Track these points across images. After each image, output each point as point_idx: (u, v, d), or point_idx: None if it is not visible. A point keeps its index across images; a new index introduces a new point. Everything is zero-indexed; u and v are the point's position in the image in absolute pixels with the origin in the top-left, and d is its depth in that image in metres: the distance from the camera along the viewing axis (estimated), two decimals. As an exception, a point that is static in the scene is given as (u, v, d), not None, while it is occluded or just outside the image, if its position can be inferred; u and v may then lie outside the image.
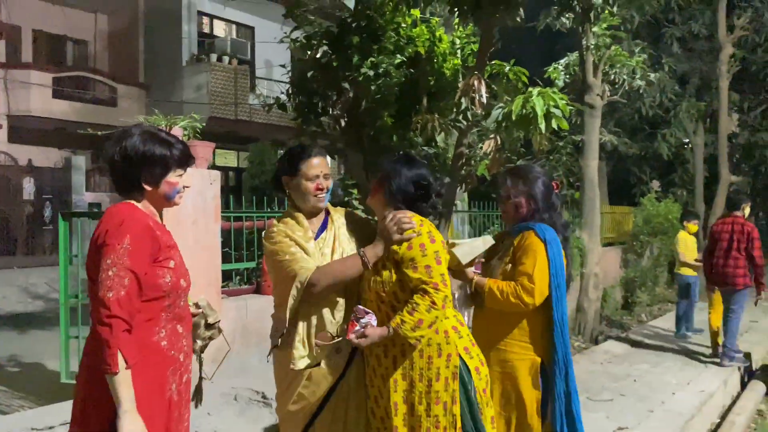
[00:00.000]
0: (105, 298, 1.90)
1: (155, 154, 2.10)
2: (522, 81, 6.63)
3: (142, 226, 2.03)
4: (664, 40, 14.46)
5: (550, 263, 2.67)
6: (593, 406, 5.13)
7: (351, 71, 5.74)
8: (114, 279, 1.92)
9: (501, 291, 2.66)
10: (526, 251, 2.70)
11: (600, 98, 8.50)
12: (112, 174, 2.13)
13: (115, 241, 1.95)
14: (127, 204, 2.11)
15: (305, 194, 2.55)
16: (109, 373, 1.88)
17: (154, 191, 2.13)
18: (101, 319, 1.89)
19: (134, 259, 1.96)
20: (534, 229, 2.74)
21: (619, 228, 13.05)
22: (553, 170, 11.60)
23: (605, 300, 10.01)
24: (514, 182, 2.86)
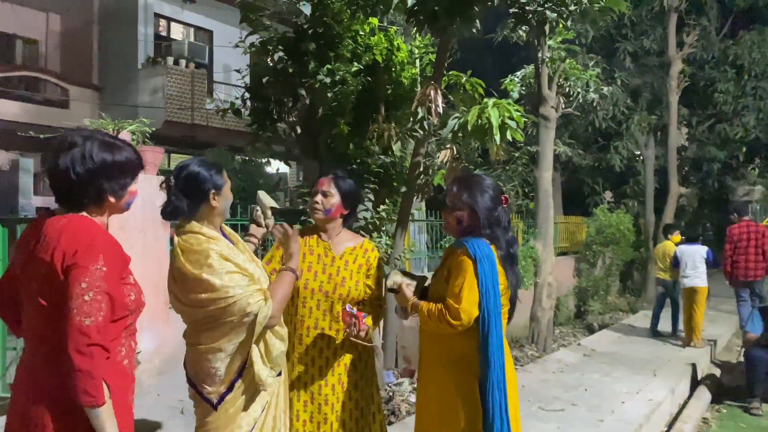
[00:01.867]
0: (82, 325, 1.76)
1: (122, 163, 1.95)
2: (478, 92, 6.70)
3: (112, 244, 1.90)
4: (617, 55, 14.81)
5: (479, 283, 2.54)
6: (545, 417, 5.17)
7: (307, 78, 5.70)
8: (91, 304, 1.78)
9: (430, 313, 2.61)
10: (456, 270, 2.60)
11: (554, 110, 8.64)
12: (68, 187, 1.90)
13: (89, 262, 1.80)
14: (85, 218, 1.92)
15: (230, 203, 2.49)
16: (95, 406, 1.76)
17: (115, 203, 1.97)
18: (79, 348, 1.74)
19: (109, 281, 1.83)
20: (466, 246, 2.61)
21: (573, 238, 13.28)
22: (509, 180, 11.74)
23: (558, 309, 10.15)
24: (459, 193, 2.73)
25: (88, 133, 1.95)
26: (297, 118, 6.08)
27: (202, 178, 2.40)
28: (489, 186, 2.74)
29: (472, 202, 2.67)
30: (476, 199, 2.67)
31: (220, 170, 2.48)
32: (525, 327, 8.74)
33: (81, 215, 1.92)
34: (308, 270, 2.94)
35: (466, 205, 2.68)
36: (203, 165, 2.45)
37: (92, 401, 1.75)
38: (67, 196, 1.91)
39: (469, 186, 2.73)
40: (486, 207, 2.67)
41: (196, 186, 2.38)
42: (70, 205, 1.93)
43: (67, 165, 1.87)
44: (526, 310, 8.71)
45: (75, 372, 1.74)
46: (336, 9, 5.72)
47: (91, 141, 1.92)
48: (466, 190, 2.71)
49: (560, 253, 12.14)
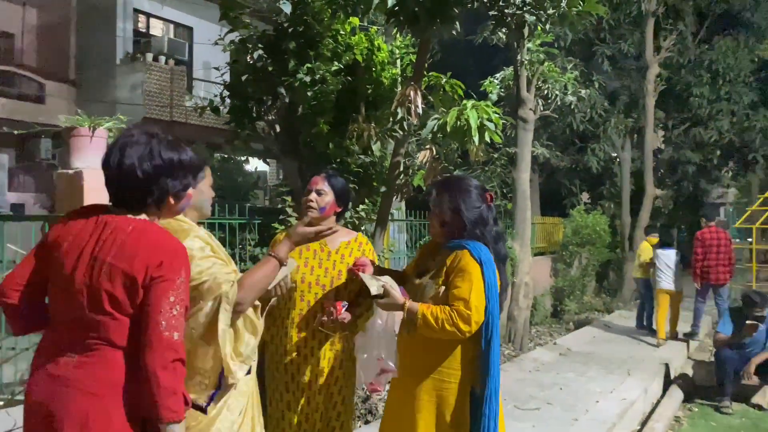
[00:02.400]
0: (171, 340, 1.73)
1: (185, 162, 1.91)
2: (458, 93, 6.74)
3: (186, 254, 1.86)
4: (595, 58, 14.99)
5: (486, 287, 2.48)
6: (521, 416, 5.23)
7: (287, 76, 5.70)
8: (178, 318, 1.76)
9: (436, 318, 2.43)
10: (462, 274, 2.49)
11: (533, 112, 8.73)
12: (130, 187, 1.83)
13: (174, 275, 1.77)
14: (156, 225, 1.87)
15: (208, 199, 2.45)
16: (175, 421, 1.72)
17: (173, 205, 1.93)
18: (165, 363, 1.71)
19: (188, 294, 1.83)
20: (469, 249, 2.52)
21: (550, 238, 13.42)
22: (487, 181, 11.82)
23: (535, 308, 10.25)
24: (440, 196, 2.66)
25: (151, 131, 1.91)
26: (276, 116, 6.07)
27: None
28: (471, 185, 2.68)
29: (455, 204, 2.61)
30: (460, 200, 2.61)
31: (202, 165, 2.38)
32: (502, 326, 8.79)
33: (149, 221, 1.87)
34: (305, 265, 3.04)
35: (450, 208, 2.62)
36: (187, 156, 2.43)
37: (173, 417, 1.72)
38: (129, 195, 1.85)
39: (452, 188, 2.67)
40: (470, 207, 2.61)
41: None
42: (129, 205, 1.87)
43: (133, 162, 1.81)
44: (503, 309, 8.76)
45: (161, 388, 1.70)
46: (316, 8, 5.72)
47: (156, 139, 1.88)
48: (449, 192, 2.65)
49: (537, 253, 12.26)
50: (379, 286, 2.55)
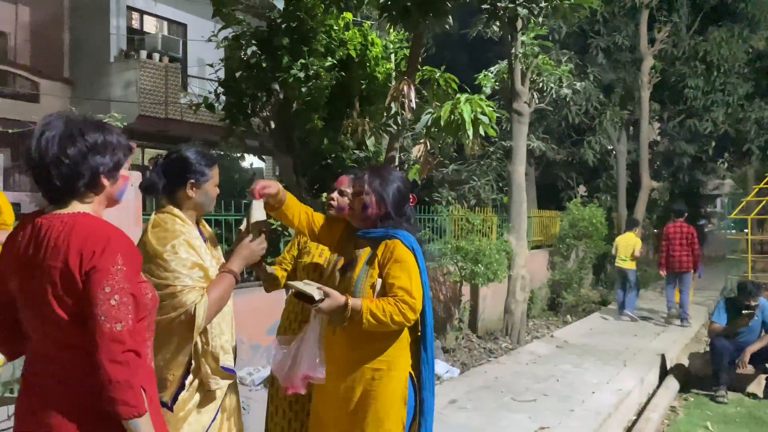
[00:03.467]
0: (114, 331, 1.62)
1: (112, 141, 1.77)
2: (452, 87, 6.76)
3: (126, 240, 1.73)
4: (590, 51, 14.99)
5: (420, 273, 2.51)
6: (516, 407, 5.26)
7: (281, 72, 5.72)
8: (119, 308, 1.64)
9: (383, 311, 2.39)
10: (398, 263, 2.48)
11: (528, 105, 8.73)
12: (59, 174, 1.71)
13: (108, 263, 1.64)
14: (89, 215, 1.75)
15: (211, 199, 2.44)
16: (135, 416, 1.62)
17: (109, 189, 1.80)
18: (114, 357, 1.61)
19: (130, 280, 1.69)
20: (399, 238, 2.51)
21: (547, 231, 13.44)
22: (483, 175, 11.84)
23: (532, 301, 10.29)
24: (371, 179, 2.64)
25: (69, 115, 1.79)
26: (271, 112, 6.09)
27: (186, 164, 2.38)
28: (398, 178, 2.70)
29: (383, 190, 2.61)
30: (387, 188, 2.61)
31: (210, 164, 2.43)
32: (499, 320, 8.85)
33: (84, 213, 1.75)
34: (319, 256, 3.07)
35: (376, 192, 2.60)
36: (196, 153, 2.42)
37: (132, 412, 1.62)
38: (59, 183, 1.72)
39: (382, 175, 2.68)
40: (394, 197, 2.61)
41: (178, 170, 2.38)
42: (62, 194, 1.75)
43: (56, 148, 1.69)
44: (500, 302, 8.82)
45: (112, 384, 1.61)
46: (309, 4, 5.73)
47: (76, 121, 1.76)
48: (378, 177, 2.65)
49: (534, 247, 12.28)
50: (320, 292, 2.42)
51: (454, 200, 11.09)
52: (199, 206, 2.41)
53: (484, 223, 9.56)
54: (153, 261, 2.20)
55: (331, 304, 2.41)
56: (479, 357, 7.44)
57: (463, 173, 11.89)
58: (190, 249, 2.26)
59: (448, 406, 5.26)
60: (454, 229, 9.18)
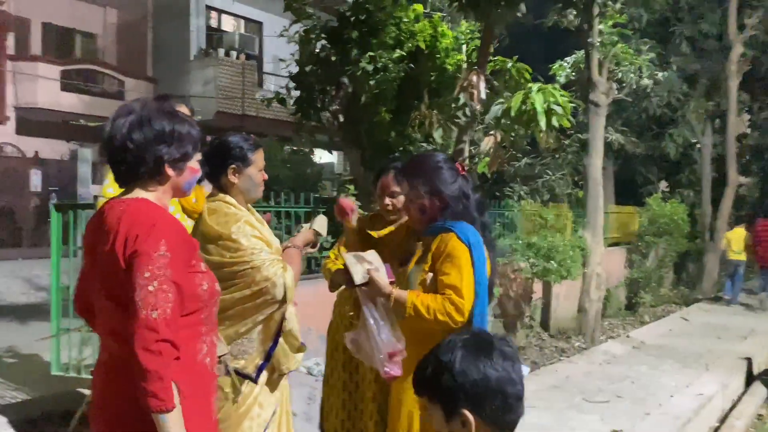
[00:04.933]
0: (149, 319, 1.55)
1: (182, 132, 1.74)
2: (525, 78, 6.58)
3: (175, 227, 1.70)
4: (673, 39, 14.28)
5: (476, 271, 2.27)
6: (588, 408, 5.08)
7: (350, 66, 5.73)
8: (157, 295, 1.57)
9: (427, 308, 2.23)
10: (450, 259, 2.28)
11: (605, 96, 8.42)
12: (123, 159, 1.71)
13: (150, 248, 1.59)
14: (144, 200, 1.72)
15: (256, 184, 2.45)
16: (162, 411, 1.54)
17: (175, 179, 1.76)
18: (148, 345, 1.54)
19: (175, 268, 1.62)
20: (455, 231, 2.30)
21: (625, 228, 12.95)
22: (558, 168, 11.52)
23: (608, 300, 9.94)
24: (413, 181, 2.44)
25: (146, 101, 1.79)
26: (339, 106, 6.11)
27: (227, 150, 2.39)
28: (439, 160, 2.48)
29: (431, 185, 2.38)
30: (434, 180, 2.39)
31: (253, 149, 2.42)
32: (572, 318, 8.60)
33: (140, 198, 1.73)
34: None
35: (427, 191, 2.38)
36: (239, 138, 2.43)
37: (160, 405, 1.54)
38: (124, 168, 1.73)
39: (418, 170, 2.46)
40: (447, 183, 2.38)
41: (220, 156, 2.39)
42: (127, 179, 1.76)
43: (123, 132, 1.69)
44: (574, 301, 8.57)
45: (143, 372, 1.54)
46: (378, -4, 5.71)
47: (149, 108, 1.75)
48: (421, 175, 2.43)
49: (611, 244, 11.86)
50: (364, 274, 2.30)
51: (526, 195, 10.85)
52: (244, 192, 2.40)
53: (558, 219, 9.30)
54: (219, 243, 2.25)
55: (372, 291, 2.31)
56: (550, 356, 7.24)
57: (537, 167, 11.61)
58: (254, 229, 2.29)
59: (516, 404, 5.13)
60: (525, 225, 8.97)
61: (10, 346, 6.48)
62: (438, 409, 1.35)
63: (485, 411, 1.30)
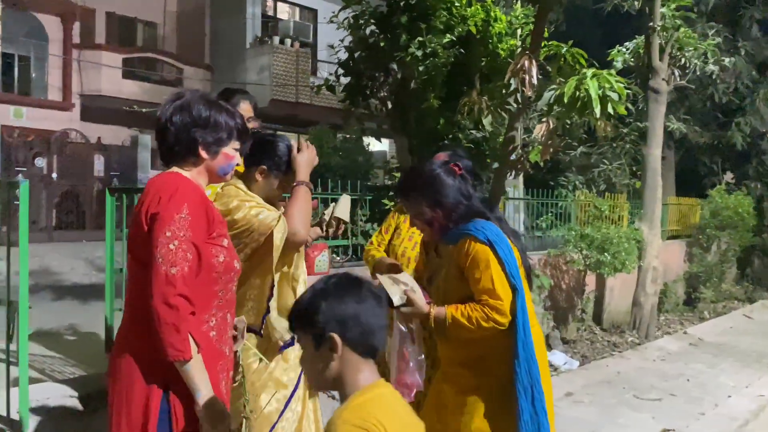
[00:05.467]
0: (168, 274, 1.68)
1: (218, 120, 1.91)
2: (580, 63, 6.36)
3: (198, 194, 1.83)
4: (742, 23, 13.57)
5: (505, 266, 2.19)
6: (639, 405, 4.91)
7: (399, 51, 5.65)
8: (177, 253, 1.70)
9: (468, 318, 2.17)
10: (475, 263, 2.20)
11: (666, 83, 8.08)
12: (164, 138, 1.90)
13: (173, 210, 1.73)
14: (175, 173, 1.88)
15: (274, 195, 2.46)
16: (182, 360, 1.68)
17: (209, 162, 1.92)
18: (166, 299, 1.67)
19: (195, 230, 1.76)
20: (471, 233, 2.23)
21: (685, 220, 12.46)
22: (616, 158, 11.15)
23: (665, 295, 9.59)
24: (410, 197, 2.38)
25: (195, 91, 2.01)
26: (388, 92, 6.05)
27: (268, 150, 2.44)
28: (433, 167, 2.38)
29: (431, 197, 2.31)
30: (431, 191, 2.31)
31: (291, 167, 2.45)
32: (626, 312, 8.34)
33: (173, 171, 1.89)
34: (409, 239, 3.01)
35: (428, 204, 2.32)
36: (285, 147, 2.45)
37: (179, 355, 1.67)
38: (165, 147, 1.92)
39: (414, 184, 2.38)
40: (445, 191, 2.30)
41: (259, 150, 2.43)
42: (168, 158, 1.93)
43: (167, 115, 1.88)
44: (628, 294, 8.31)
45: (161, 325, 1.67)
46: (428, -20, 5.61)
47: (197, 97, 1.93)
48: (415, 190, 2.36)
49: (671, 237, 11.43)
50: (401, 295, 2.26)
51: (581, 185, 10.56)
52: (259, 194, 2.37)
53: (613, 210, 9.01)
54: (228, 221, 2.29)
55: (412, 311, 2.28)
56: (601, 350, 7.05)
57: (593, 156, 11.27)
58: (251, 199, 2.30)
59: (564, 398, 5.01)
60: (579, 215, 8.74)
61: (70, 324, 6.73)
62: (309, 340, 1.47)
63: (350, 335, 1.43)
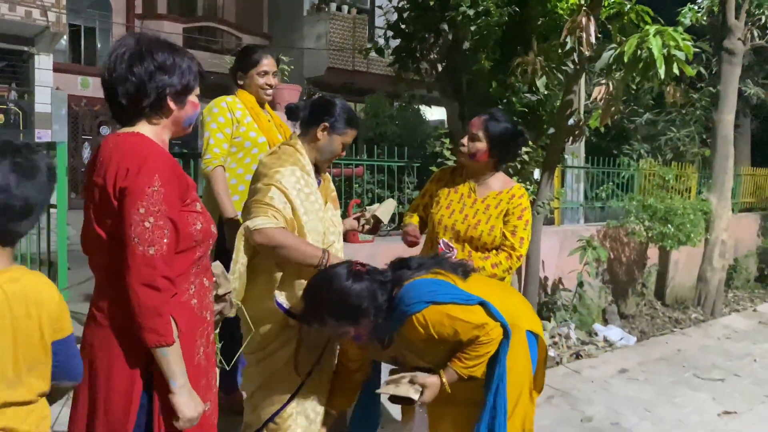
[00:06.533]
0: (146, 255, 1.54)
1: (182, 64, 1.70)
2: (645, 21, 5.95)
3: (168, 162, 1.65)
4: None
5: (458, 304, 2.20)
6: (698, 385, 4.63)
7: (449, 11, 5.40)
8: (153, 231, 1.56)
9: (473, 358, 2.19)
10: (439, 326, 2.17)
11: (742, 43, 7.49)
12: (126, 93, 1.65)
13: (144, 183, 1.56)
14: (137, 135, 1.67)
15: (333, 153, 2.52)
16: (162, 345, 1.56)
17: (177, 113, 1.72)
18: (147, 281, 1.54)
19: (169, 204, 1.60)
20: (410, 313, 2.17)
21: (761, 192, 11.72)
22: (684, 125, 10.53)
23: (735, 270, 9.07)
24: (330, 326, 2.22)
25: (141, 34, 1.75)
26: (438, 55, 5.82)
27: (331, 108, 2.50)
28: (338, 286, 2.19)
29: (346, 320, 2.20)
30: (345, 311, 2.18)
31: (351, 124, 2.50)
32: (691, 288, 7.92)
33: (135, 132, 1.68)
34: (447, 207, 2.91)
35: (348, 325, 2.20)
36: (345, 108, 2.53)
37: (160, 340, 1.56)
38: (124, 102, 1.67)
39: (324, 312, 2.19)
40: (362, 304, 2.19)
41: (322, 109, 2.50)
42: (128, 115, 1.70)
43: (124, 65, 1.64)
44: (694, 269, 7.88)
45: (142, 308, 1.55)
46: (481, -68, 5.31)
47: (151, 39, 1.71)
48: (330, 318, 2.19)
49: (744, 209, 10.77)
50: (416, 389, 2.21)
51: (647, 154, 10.04)
52: (320, 152, 2.46)
53: (680, 180, 8.52)
54: (257, 181, 2.36)
55: (432, 393, 2.23)
56: (662, 326, 6.71)
57: (660, 124, 10.68)
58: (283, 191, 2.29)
59: (617, 375, 4.78)
60: (643, 185, 8.30)
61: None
62: None
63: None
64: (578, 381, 4.59)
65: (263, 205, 2.26)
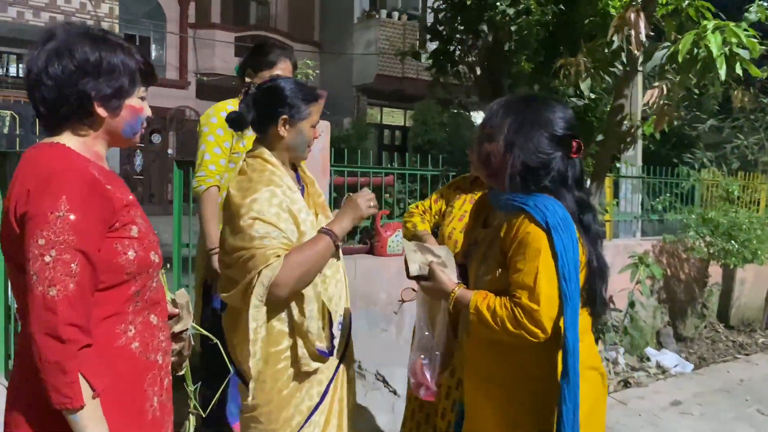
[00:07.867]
0: (47, 297, 1.25)
1: (113, 61, 1.41)
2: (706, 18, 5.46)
3: (82, 177, 1.33)
4: None
5: (558, 262, 1.62)
6: (762, 423, 4.12)
7: (488, 11, 5.09)
8: (55, 267, 1.26)
9: (494, 314, 1.66)
10: (522, 248, 1.66)
11: (819, 41, 6.84)
12: (42, 98, 1.38)
13: (46, 208, 1.27)
14: (52, 146, 1.39)
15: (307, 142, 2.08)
16: (68, 409, 1.26)
17: (110, 121, 1.43)
18: (46, 329, 1.24)
19: (80, 232, 1.29)
20: (529, 210, 1.67)
21: (841, 205, 10.82)
22: (753, 132, 9.82)
23: (812, 289, 8.32)
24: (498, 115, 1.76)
25: (67, 25, 1.45)
26: (477, 57, 5.50)
27: (279, 96, 2.03)
28: (551, 119, 1.73)
29: (512, 135, 1.72)
30: (521, 132, 1.71)
31: (309, 100, 2.06)
32: (759, 309, 7.28)
33: (54, 143, 1.40)
34: (459, 219, 2.71)
35: (504, 137, 1.73)
36: (294, 85, 2.08)
37: (65, 403, 1.26)
38: (42, 108, 1.41)
39: (517, 110, 1.76)
40: (532, 149, 1.71)
41: (270, 102, 2.03)
42: (51, 123, 1.42)
43: (39, 65, 1.37)
44: (762, 288, 7.24)
45: (42, 363, 1.25)
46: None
47: (72, 34, 1.41)
48: (510, 115, 1.74)
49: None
50: (423, 264, 1.83)
51: (710, 162, 9.39)
52: (291, 149, 2.07)
53: (746, 191, 7.88)
54: (232, 221, 1.93)
55: (433, 286, 1.84)
56: (724, 352, 6.14)
57: (726, 130, 10.00)
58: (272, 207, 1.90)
59: (669, 408, 4.32)
60: (705, 196, 7.70)
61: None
62: None
63: None
64: (624, 414, 4.15)
65: (258, 249, 1.86)
